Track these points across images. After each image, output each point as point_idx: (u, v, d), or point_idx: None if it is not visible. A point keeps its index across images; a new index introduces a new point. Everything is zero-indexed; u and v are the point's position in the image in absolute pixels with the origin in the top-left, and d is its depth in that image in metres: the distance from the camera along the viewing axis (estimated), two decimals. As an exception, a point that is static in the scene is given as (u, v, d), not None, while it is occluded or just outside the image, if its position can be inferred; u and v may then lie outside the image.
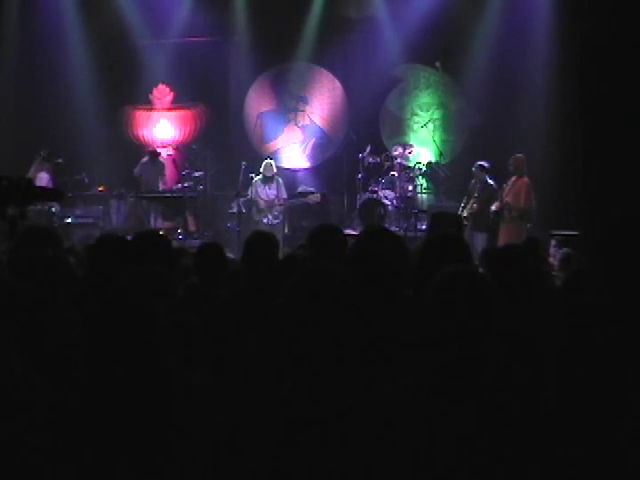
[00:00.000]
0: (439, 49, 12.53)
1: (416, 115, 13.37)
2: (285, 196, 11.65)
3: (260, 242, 4.11)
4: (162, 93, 13.88)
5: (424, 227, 10.53)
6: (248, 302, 3.65)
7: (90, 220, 11.80)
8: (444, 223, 6.03)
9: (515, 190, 10.22)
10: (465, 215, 10.49)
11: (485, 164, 10.63)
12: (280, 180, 11.72)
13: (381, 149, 12.64)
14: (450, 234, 3.52)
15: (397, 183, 11.97)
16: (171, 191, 12.23)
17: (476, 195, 10.52)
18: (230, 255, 6.81)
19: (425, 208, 11.59)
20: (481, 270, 4.36)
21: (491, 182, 10.58)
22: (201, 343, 3.06)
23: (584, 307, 2.49)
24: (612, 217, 2.37)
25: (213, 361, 2.94)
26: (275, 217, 11.51)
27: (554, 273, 6.75)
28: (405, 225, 11.44)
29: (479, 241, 10.24)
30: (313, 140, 13.77)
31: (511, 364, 2.45)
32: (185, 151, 13.67)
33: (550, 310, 3.35)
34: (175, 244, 7.27)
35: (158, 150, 12.96)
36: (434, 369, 2.33)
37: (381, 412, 2.17)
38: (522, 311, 3.28)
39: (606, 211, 9.13)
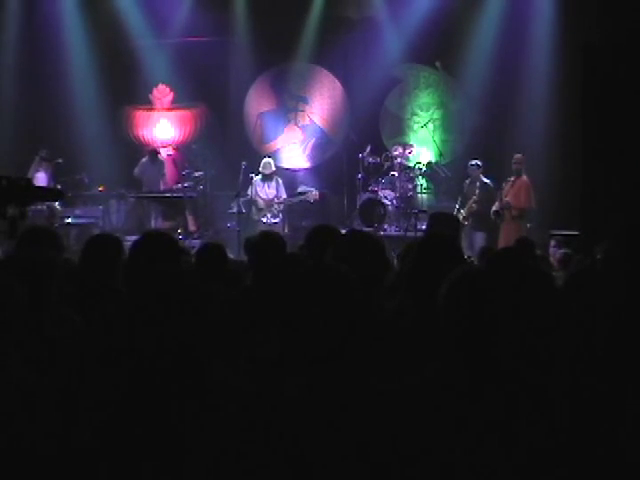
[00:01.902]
0: (439, 49, 12.53)
1: (416, 115, 13.36)
2: (285, 195, 11.66)
3: (266, 242, 4.10)
4: (162, 93, 13.88)
5: (424, 227, 10.53)
6: (256, 301, 3.64)
7: (90, 220, 11.80)
8: (442, 224, 6.05)
9: (515, 190, 10.25)
10: (464, 215, 10.51)
11: (479, 163, 10.68)
12: (280, 180, 11.72)
13: (381, 149, 12.64)
14: (441, 235, 3.52)
15: (397, 183, 11.97)
16: (171, 191, 12.24)
17: (475, 195, 10.54)
18: (231, 255, 6.80)
19: (425, 208, 11.59)
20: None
21: (487, 181, 10.62)
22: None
23: (593, 307, 2.49)
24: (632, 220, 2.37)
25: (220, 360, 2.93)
26: (274, 216, 11.51)
27: (553, 273, 6.74)
28: (405, 225, 11.44)
29: (479, 240, 10.26)
30: (313, 140, 13.76)
31: (522, 363, 2.45)
32: (185, 151, 13.67)
33: (556, 310, 3.35)
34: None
35: (157, 149, 12.97)
36: (444, 367, 2.33)
37: (385, 411, 2.17)
38: (529, 309, 3.28)
39: (606, 211, 9.12)
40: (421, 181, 12.12)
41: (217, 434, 2.15)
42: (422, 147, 13.03)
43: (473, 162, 10.76)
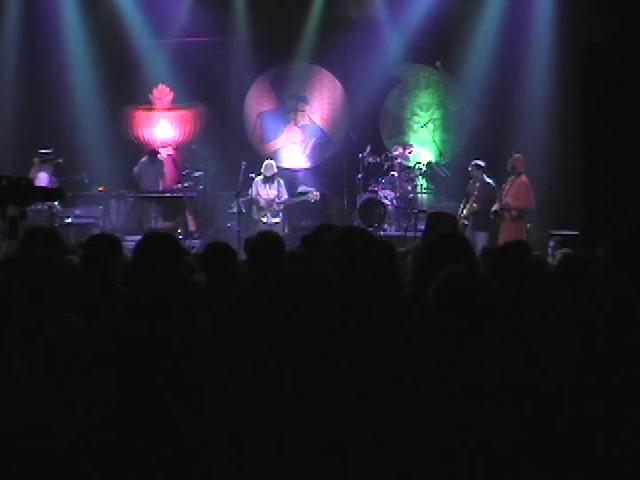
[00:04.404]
0: (439, 49, 12.54)
1: (416, 115, 13.37)
2: (286, 196, 11.67)
3: (266, 242, 4.10)
4: (162, 93, 13.89)
5: (424, 227, 10.54)
6: (255, 303, 3.63)
7: (90, 220, 11.79)
8: (440, 223, 6.05)
9: (514, 190, 10.25)
10: (465, 215, 10.52)
11: (481, 163, 10.68)
12: (281, 181, 11.74)
13: (381, 149, 12.64)
14: (455, 234, 3.53)
15: (397, 183, 11.98)
16: (171, 191, 12.24)
17: (475, 194, 10.55)
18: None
19: (425, 208, 11.59)
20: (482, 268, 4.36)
21: (489, 181, 10.62)
22: (207, 343, 3.06)
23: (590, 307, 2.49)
24: (625, 216, 2.36)
25: (220, 362, 2.94)
26: (274, 216, 11.52)
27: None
28: (405, 225, 11.45)
29: (480, 240, 10.26)
30: (313, 140, 13.77)
31: (510, 363, 2.45)
32: (185, 151, 13.67)
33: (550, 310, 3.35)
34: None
35: (157, 149, 12.98)
36: (434, 368, 2.34)
37: (379, 412, 2.17)
38: (522, 311, 3.29)
39: (607, 212, 9.13)
40: (421, 181, 12.13)
41: (205, 433, 2.16)
42: (422, 147, 13.03)
43: (474, 162, 10.77)
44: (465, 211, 10.62)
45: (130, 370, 2.24)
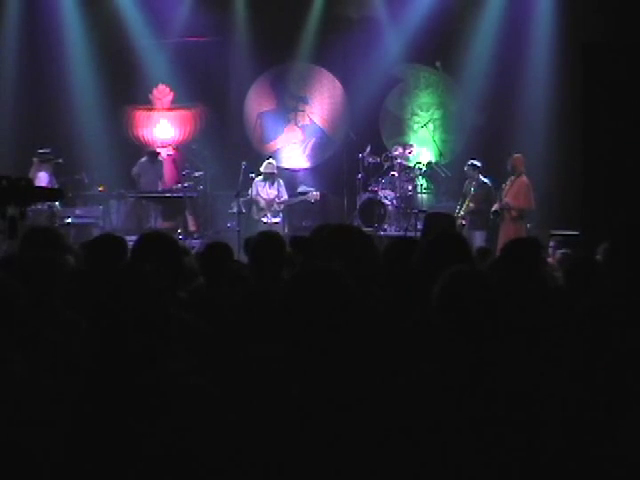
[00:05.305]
0: (439, 49, 12.54)
1: (416, 115, 13.37)
2: (286, 196, 11.67)
3: (267, 242, 4.10)
4: (162, 93, 13.88)
5: (422, 227, 10.55)
6: (257, 303, 3.63)
7: (90, 220, 11.79)
8: (438, 223, 6.06)
9: (514, 190, 10.26)
10: (462, 215, 10.53)
11: (477, 163, 10.70)
12: (281, 181, 11.74)
13: (381, 149, 12.64)
14: (451, 233, 3.53)
15: (397, 183, 11.98)
16: (171, 191, 12.23)
17: (472, 194, 10.57)
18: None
19: (425, 208, 11.60)
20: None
21: (485, 180, 10.64)
22: (208, 345, 3.06)
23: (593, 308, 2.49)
24: (625, 221, 2.37)
25: (220, 364, 2.93)
26: (275, 215, 11.52)
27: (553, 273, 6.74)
28: (405, 225, 11.45)
29: (478, 240, 10.27)
30: (313, 140, 13.76)
31: (515, 362, 2.45)
32: (185, 151, 13.67)
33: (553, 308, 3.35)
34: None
35: (157, 150, 12.98)
36: (439, 366, 2.34)
37: (387, 410, 2.17)
38: (526, 308, 3.28)
39: (607, 212, 9.13)
40: (421, 181, 12.13)
41: (178, 435, 2.16)
42: (422, 147, 13.03)
43: (470, 162, 10.81)
44: (462, 211, 10.64)
45: (97, 370, 2.23)
